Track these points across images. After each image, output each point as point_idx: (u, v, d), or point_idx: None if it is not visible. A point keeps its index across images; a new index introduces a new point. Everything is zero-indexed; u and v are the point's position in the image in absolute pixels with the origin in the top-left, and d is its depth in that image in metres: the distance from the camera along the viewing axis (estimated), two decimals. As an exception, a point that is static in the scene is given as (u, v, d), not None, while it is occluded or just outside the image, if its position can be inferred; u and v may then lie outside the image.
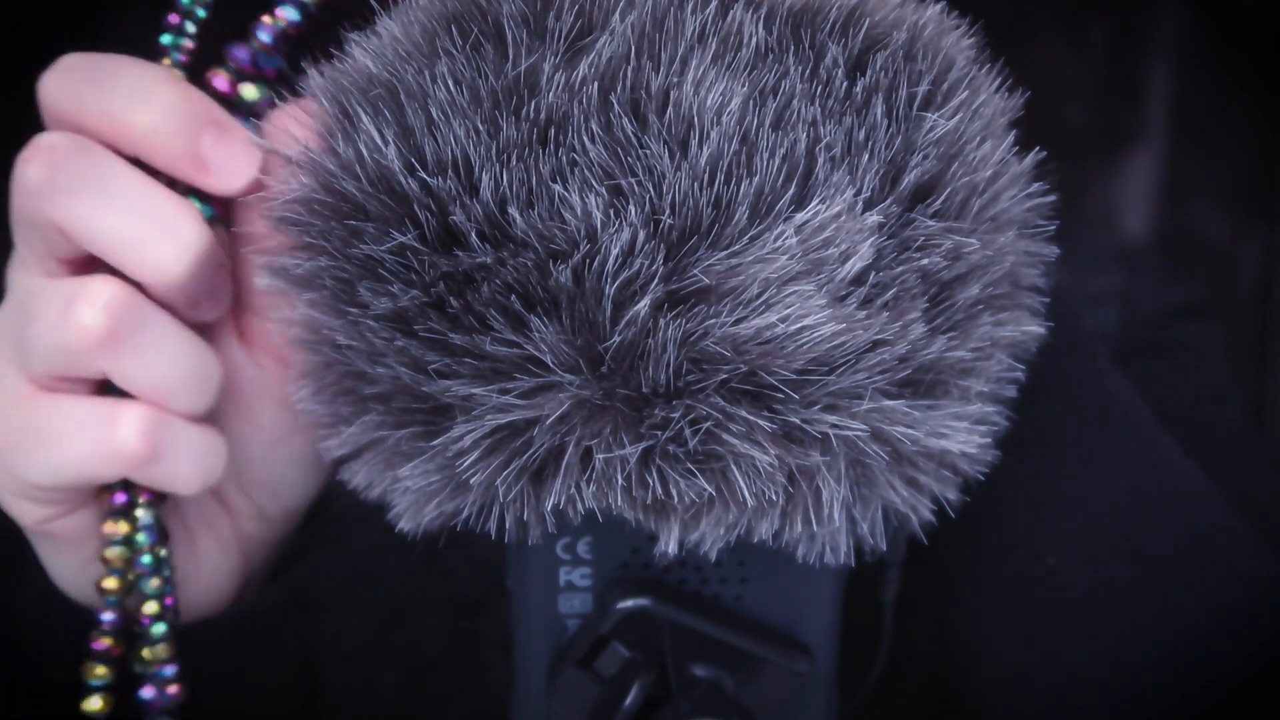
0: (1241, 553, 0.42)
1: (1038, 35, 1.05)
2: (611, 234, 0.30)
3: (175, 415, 0.35)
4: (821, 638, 0.38)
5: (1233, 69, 1.05)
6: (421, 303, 0.32)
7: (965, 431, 0.34)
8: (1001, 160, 0.34)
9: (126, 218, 0.33)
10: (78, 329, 0.33)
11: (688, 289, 0.31)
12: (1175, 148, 1.08)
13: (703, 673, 0.37)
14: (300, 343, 0.34)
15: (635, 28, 0.32)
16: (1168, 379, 0.58)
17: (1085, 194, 1.08)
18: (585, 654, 0.36)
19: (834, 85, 0.32)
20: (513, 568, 0.37)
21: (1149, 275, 0.63)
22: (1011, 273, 0.35)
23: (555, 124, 0.31)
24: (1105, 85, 1.07)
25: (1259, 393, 1.10)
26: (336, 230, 0.32)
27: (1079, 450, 0.42)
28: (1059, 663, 0.42)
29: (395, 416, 0.33)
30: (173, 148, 0.34)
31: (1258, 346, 1.11)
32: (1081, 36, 1.07)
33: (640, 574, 0.37)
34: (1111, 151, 1.08)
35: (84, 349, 0.33)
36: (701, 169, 0.30)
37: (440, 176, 0.31)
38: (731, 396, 0.31)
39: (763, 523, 0.33)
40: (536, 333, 0.31)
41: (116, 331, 0.33)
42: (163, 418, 0.34)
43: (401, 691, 0.53)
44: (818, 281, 0.31)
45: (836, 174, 0.32)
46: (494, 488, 0.32)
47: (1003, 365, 0.35)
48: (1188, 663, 0.41)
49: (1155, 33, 1.06)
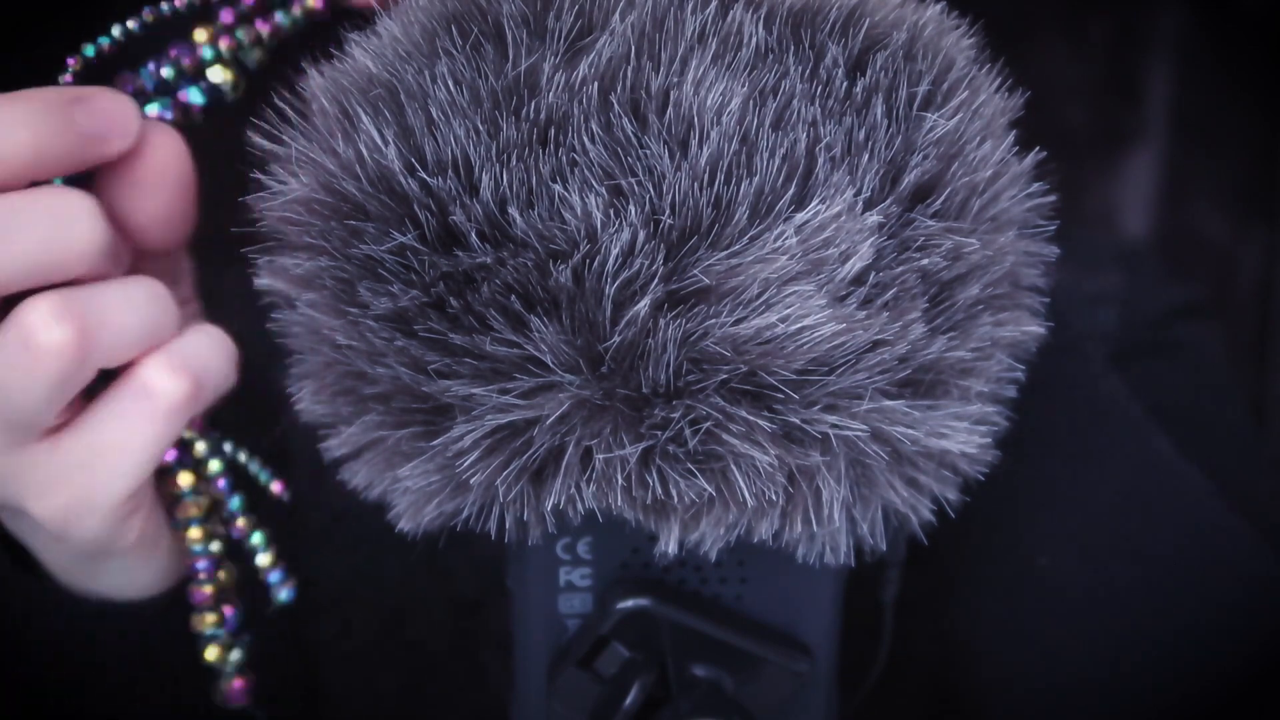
0: (1239, 552, 0.42)
1: (1038, 35, 1.05)
2: (611, 234, 0.30)
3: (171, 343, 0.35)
4: (821, 638, 0.38)
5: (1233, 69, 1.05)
6: (421, 303, 0.32)
7: (965, 431, 0.34)
8: (1001, 160, 0.34)
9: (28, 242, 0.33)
10: (50, 353, 0.33)
11: (688, 289, 0.31)
12: (1175, 148, 1.08)
13: (703, 673, 0.37)
14: (300, 343, 0.34)
15: (635, 28, 0.32)
16: (1168, 379, 0.57)
17: (1085, 194, 1.08)
18: (585, 654, 0.36)
19: (834, 85, 0.32)
20: (513, 568, 0.37)
21: (1149, 275, 0.63)
22: (1011, 273, 0.35)
23: (555, 124, 0.31)
24: (1105, 85, 1.07)
25: (1259, 393, 1.10)
26: (336, 230, 0.32)
27: (1074, 450, 0.42)
28: (1057, 663, 0.42)
29: (395, 416, 0.33)
30: (64, 150, 0.34)
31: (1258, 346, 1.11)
32: (1081, 36, 1.07)
33: (640, 574, 0.37)
34: (1111, 151, 1.08)
35: (68, 367, 0.33)
36: (701, 169, 0.30)
37: (440, 176, 0.31)
38: (731, 396, 0.31)
39: (763, 523, 0.33)
40: (536, 333, 0.31)
41: (85, 329, 0.33)
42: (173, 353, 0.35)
43: (402, 692, 0.53)
44: (818, 281, 0.31)
45: (836, 174, 0.32)
46: (494, 488, 0.32)
47: (1003, 365, 0.35)
48: (1185, 662, 0.41)
49: (1155, 33, 1.06)
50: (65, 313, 0.33)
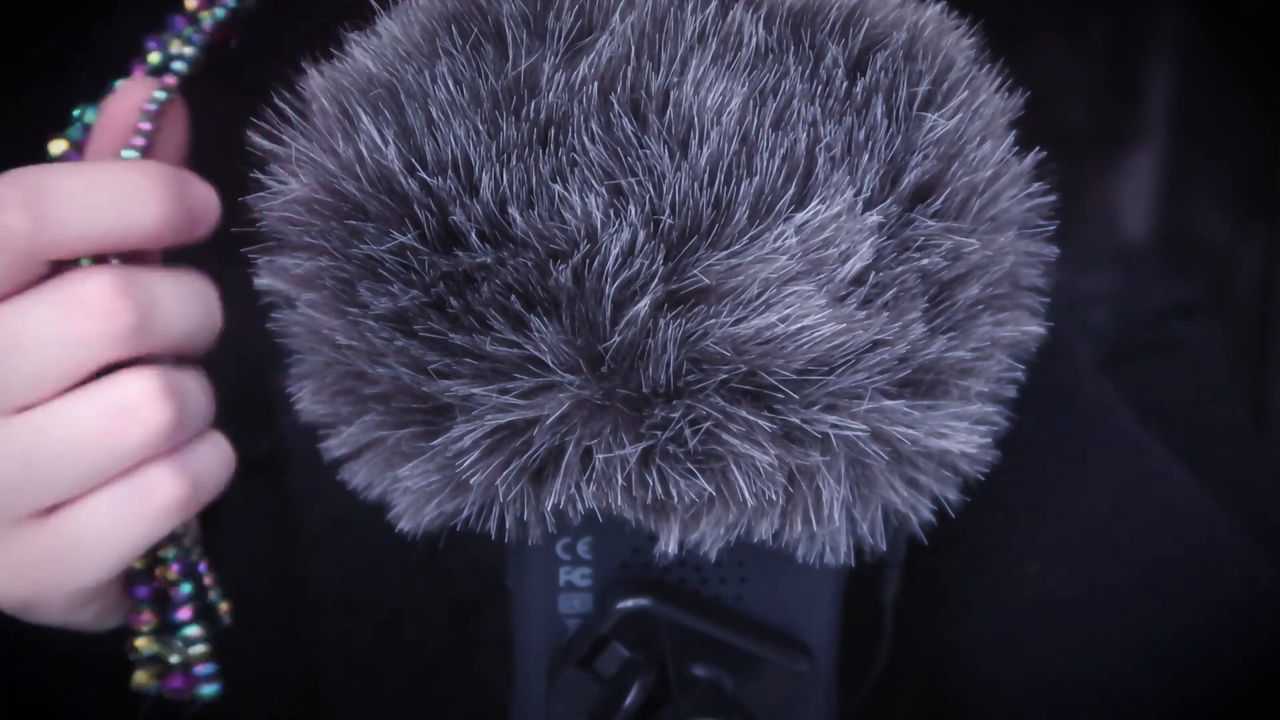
0: (1231, 557, 0.42)
1: (1038, 35, 1.05)
2: (611, 234, 0.30)
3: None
4: (821, 638, 0.38)
5: (1233, 69, 1.05)
6: (421, 303, 0.31)
7: (965, 431, 0.34)
8: (1001, 160, 0.34)
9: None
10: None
11: (688, 289, 0.31)
12: (1175, 148, 1.08)
13: (703, 673, 0.37)
14: (300, 343, 0.34)
15: (635, 28, 0.32)
16: (1166, 379, 0.57)
17: (1085, 194, 1.08)
18: (585, 654, 0.36)
19: (834, 85, 0.32)
20: (513, 568, 0.37)
21: (1148, 275, 0.63)
22: (1011, 273, 0.35)
23: (555, 124, 0.31)
24: (1105, 85, 1.07)
25: (1259, 393, 1.10)
26: (336, 230, 0.32)
27: (1061, 456, 0.42)
28: (1047, 669, 0.42)
29: (395, 416, 0.33)
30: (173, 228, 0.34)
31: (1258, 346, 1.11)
32: (1081, 36, 1.07)
33: (640, 574, 0.37)
34: (1111, 151, 1.08)
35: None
36: (701, 169, 0.30)
37: (440, 176, 0.31)
38: (731, 396, 0.31)
39: (763, 523, 0.33)
40: (536, 333, 0.31)
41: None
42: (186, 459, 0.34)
43: (401, 693, 0.53)
44: (818, 281, 0.31)
45: (836, 174, 0.32)
46: (494, 488, 0.32)
47: (1003, 365, 0.35)
48: (1176, 668, 0.41)
49: (1155, 33, 1.06)
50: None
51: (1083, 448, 0.42)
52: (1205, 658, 0.41)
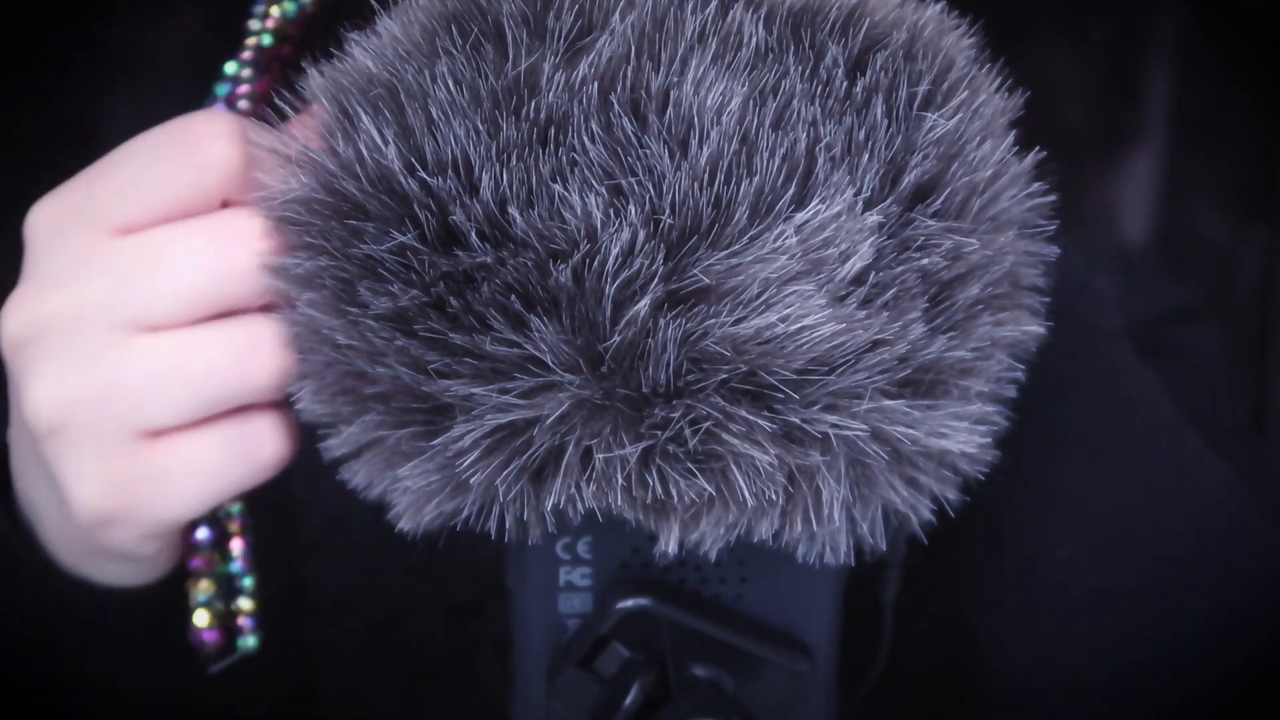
0: (1263, 549, 0.42)
1: (1038, 35, 1.05)
2: (611, 234, 0.30)
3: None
4: (821, 638, 0.38)
5: (1233, 69, 1.05)
6: (421, 302, 0.31)
7: (965, 431, 0.34)
8: (1001, 160, 0.34)
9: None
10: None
11: (688, 289, 0.31)
12: (1175, 148, 1.08)
13: (703, 673, 0.37)
14: (300, 343, 0.34)
15: (635, 27, 0.32)
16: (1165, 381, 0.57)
17: (1085, 194, 1.08)
18: (585, 654, 0.36)
19: (834, 85, 0.32)
20: (513, 568, 0.37)
21: (1147, 276, 0.63)
22: (1011, 273, 0.35)
23: (555, 124, 0.31)
24: (1105, 85, 1.07)
25: (1259, 394, 1.10)
26: (336, 230, 0.32)
27: (1094, 445, 0.42)
28: (1067, 653, 0.42)
29: (395, 416, 0.33)
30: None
31: (1258, 347, 1.11)
32: (1081, 36, 1.07)
33: (640, 574, 0.37)
34: (1111, 151, 1.08)
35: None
36: (701, 169, 0.30)
37: (440, 176, 0.31)
38: (731, 396, 0.31)
39: (763, 523, 0.33)
40: (536, 333, 0.31)
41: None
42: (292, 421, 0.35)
43: (401, 693, 0.53)
44: (818, 281, 0.31)
45: (836, 174, 0.32)
46: (494, 487, 0.32)
47: (1003, 365, 0.35)
48: (1201, 659, 0.41)
49: (1155, 33, 1.06)
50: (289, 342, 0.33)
51: (1116, 436, 0.42)
52: (1235, 651, 0.41)
